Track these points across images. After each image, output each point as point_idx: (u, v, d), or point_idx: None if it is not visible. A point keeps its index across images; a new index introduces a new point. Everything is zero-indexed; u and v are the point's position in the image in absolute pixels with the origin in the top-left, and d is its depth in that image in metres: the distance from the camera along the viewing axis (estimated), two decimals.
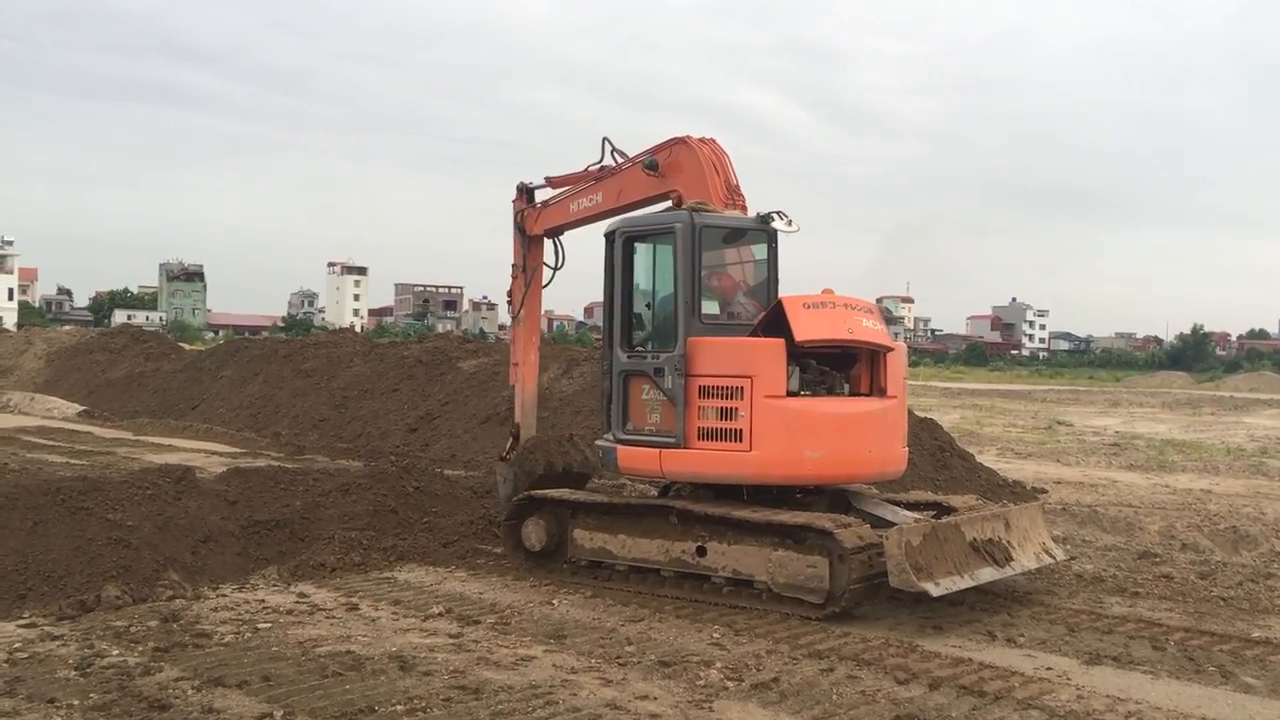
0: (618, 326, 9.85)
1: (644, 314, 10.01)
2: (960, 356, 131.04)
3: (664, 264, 9.76)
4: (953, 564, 8.56)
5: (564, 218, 11.74)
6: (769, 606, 8.63)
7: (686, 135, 10.23)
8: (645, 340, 9.90)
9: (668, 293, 9.67)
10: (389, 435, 20.46)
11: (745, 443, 8.93)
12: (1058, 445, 24.35)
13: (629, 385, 9.70)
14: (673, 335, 9.39)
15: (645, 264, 10.04)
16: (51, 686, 6.32)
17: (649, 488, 11.62)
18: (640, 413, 9.60)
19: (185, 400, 25.94)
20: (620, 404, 9.70)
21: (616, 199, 10.98)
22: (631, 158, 10.76)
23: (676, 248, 9.43)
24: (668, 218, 9.67)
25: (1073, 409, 38.78)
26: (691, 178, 10.03)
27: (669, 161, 10.24)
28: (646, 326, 9.99)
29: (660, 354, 9.48)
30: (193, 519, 10.40)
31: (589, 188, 11.33)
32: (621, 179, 10.85)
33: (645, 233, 9.93)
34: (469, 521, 11.68)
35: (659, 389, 9.39)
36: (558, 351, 23.17)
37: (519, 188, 12.34)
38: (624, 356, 9.73)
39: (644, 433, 9.52)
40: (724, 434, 9.04)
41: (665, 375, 9.32)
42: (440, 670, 6.83)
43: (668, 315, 9.61)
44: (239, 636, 7.49)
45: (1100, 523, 13.50)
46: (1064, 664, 7.52)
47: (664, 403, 9.36)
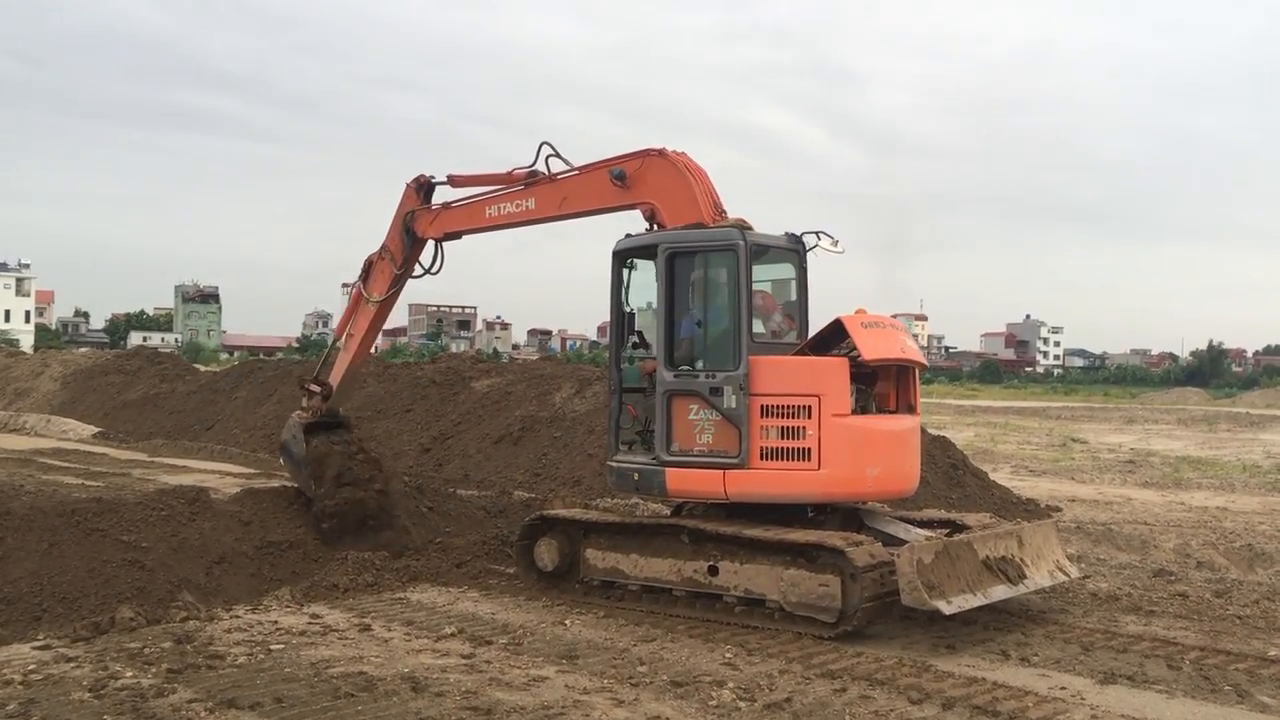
0: (661, 345, 9.46)
1: (694, 332, 9.55)
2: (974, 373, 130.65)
3: (715, 281, 9.46)
4: (965, 582, 8.52)
5: (475, 222, 11.33)
6: (781, 626, 8.61)
7: (662, 147, 9.98)
8: (694, 359, 9.50)
9: (719, 310, 9.40)
10: (403, 455, 20.48)
11: (814, 461, 8.91)
12: (1072, 462, 24.24)
13: (673, 405, 9.36)
14: (731, 354, 9.17)
15: (688, 282, 9.60)
16: (65, 708, 6.34)
17: (662, 507, 11.62)
18: (688, 433, 9.24)
19: (200, 421, 26.04)
20: (664, 424, 9.34)
21: (558, 207, 10.62)
22: (589, 165, 10.39)
23: (736, 266, 9.18)
24: (720, 235, 9.33)
25: (1087, 426, 38.61)
26: (671, 192, 9.78)
27: (638, 173, 9.95)
28: (696, 345, 9.56)
29: (717, 373, 9.20)
30: (206, 540, 10.44)
31: (515, 192, 10.88)
32: (569, 186, 10.47)
33: (695, 249, 9.50)
34: (482, 541, 11.69)
35: (714, 409, 9.10)
36: (569, 371, 23.20)
37: (417, 183, 11.82)
38: (670, 376, 9.34)
39: (694, 454, 9.19)
40: (790, 453, 8.93)
41: (725, 395, 9.05)
42: (452, 691, 6.83)
43: (722, 333, 9.35)
44: (252, 658, 7.51)
45: (1115, 540, 13.44)
46: (1078, 683, 7.48)
47: (718, 422, 9.08)
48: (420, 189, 11.81)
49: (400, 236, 11.82)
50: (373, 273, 12.13)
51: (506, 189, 11.07)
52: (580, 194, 10.50)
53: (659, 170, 9.95)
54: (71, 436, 25.08)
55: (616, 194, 10.11)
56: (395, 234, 11.92)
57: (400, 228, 11.83)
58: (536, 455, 18.81)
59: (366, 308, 12.15)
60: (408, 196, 11.86)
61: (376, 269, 12.11)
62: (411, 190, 11.86)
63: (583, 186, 10.44)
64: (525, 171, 10.84)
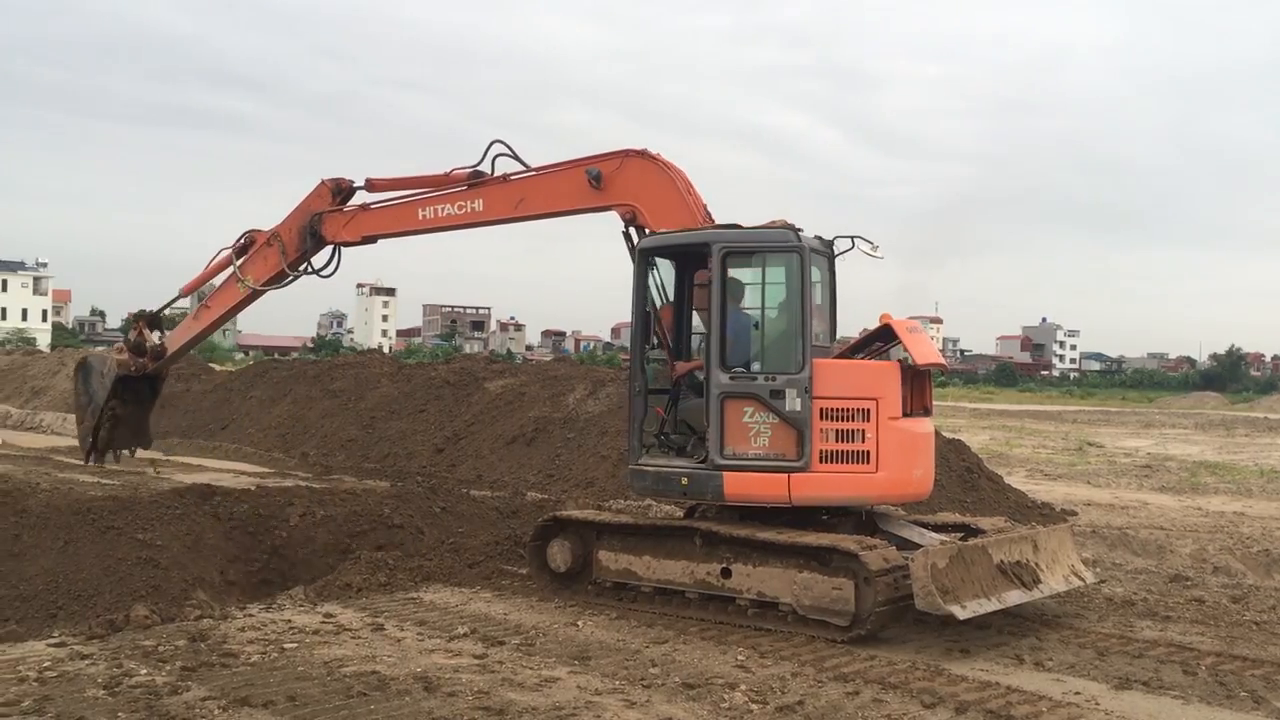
0: (714, 347, 9.16)
1: (749, 333, 9.43)
2: (990, 377, 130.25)
3: (775, 282, 9.31)
4: (980, 586, 8.49)
5: (402, 225, 10.90)
6: (794, 629, 8.59)
7: (644, 148, 9.77)
8: (750, 361, 9.38)
9: (779, 312, 9.29)
10: (416, 455, 20.54)
11: (872, 464, 8.95)
12: (1088, 467, 24.13)
13: (726, 408, 9.14)
14: (794, 357, 9.06)
15: (742, 282, 9.47)
16: (80, 705, 6.36)
17: (675, 509, 11.60)
18: (742, 436, 9.05)
19: (215, 421, 26.14)
20: (718, 427, 9.21)
21: (513, 208, 10.24)
22: (552, 165, 10.06)
23: (799, 267, 9.06)
24: (778, 236, 9.15)
25: (1104, 430, 38.45)
26: (654, 194, 9.58)
27: (616, 174, 9.67)
28: (752, 346, 9.43)
29: (777, 375, 9.06)
30: (220, 539, 10.48)
31: (456, 194, 10.48)
32: (528, 187, 10.12)
33: (753, 249, 9.32)
34: (495, 542, 11.70)
35: (772, 411, 8.94)
36: (583, 372, 23.22)
37: (336, 185, 11.31)
38: (725, 378, 9.11)
39: (750, 457, 9.02)
40: (849, 456, 8.92)
41: (787, 397, 8.93)
42: (465, 691, 6.84)
43: (782, 335, 9.24)
44: (265, 656, 7.52)
45: (1131, 545, 13.37)
46: (1093, 689, 7.44)
47: (775, 425, 8.95)
48: (338, 192, 11.28)
49: (300, 234, 11.27)
50: (254, 255, 11.47)
51: (443, 190, 10.59)
52: (543, 195, 10.15)
53: (640, 171, 9.70)
54: None
55: (590, 195, 9.79)
56: (293, 228, 11.34)
57: (302, 225, 11.26)
58: (549, 456, 18.83)
59: (235, 288, 11.52)
60: (319, 196, 11.32)
61: (260, 253, 11.44)
62: (326, 190, 11.31)
63: (546, 187, 10.07)
64: (467, 172, 10.40)
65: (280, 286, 11.53)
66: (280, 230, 11.35)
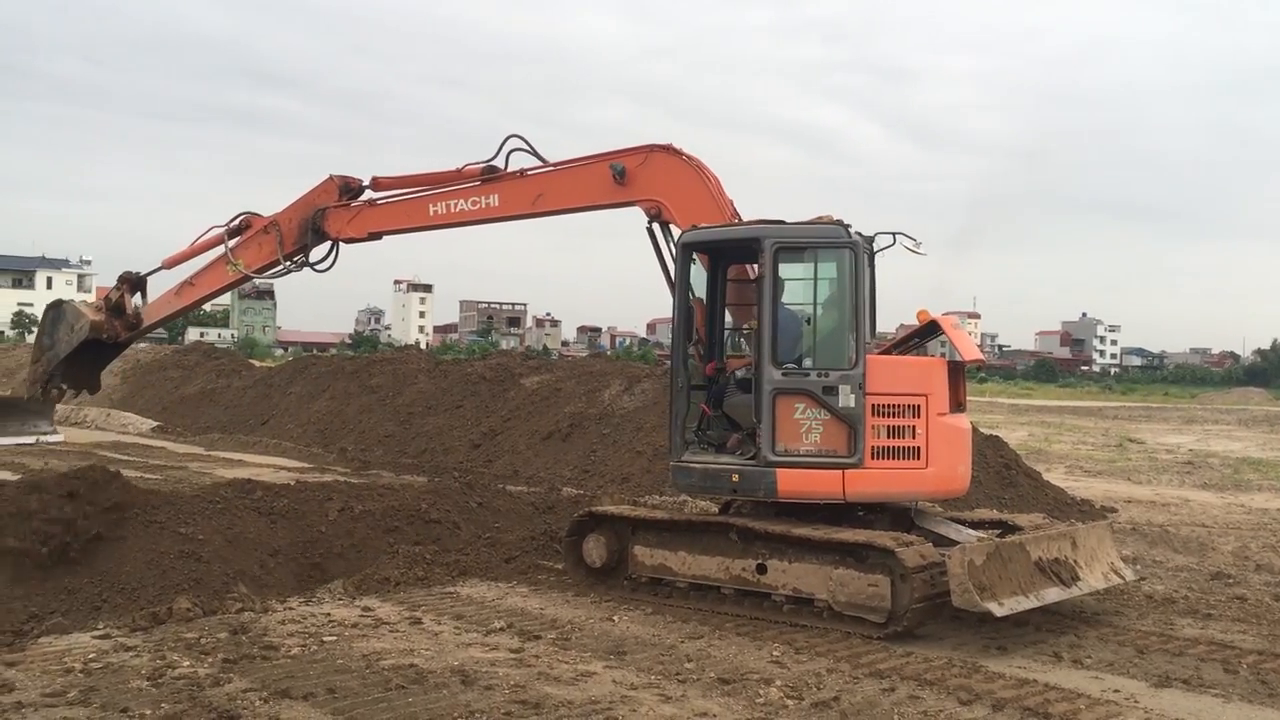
0: (766, 342, 9.07)
1: (804, 330, 9.37)
2: (1028, 372, 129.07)
3: (828, 278, 9.27)
4: (1017, 584, 8.44)
5: (411, 221, 10.74)
6: (830, 625, 8.58)
7: (668, 143, 9.66)
8: (801, 357, 9.31)
9: (831, 308, 9.24)
10: (453, 451, 20.67)
11: (923, 460, 9.00)
12: (1128, 463, 23.89)
13: (778, 404, 9.07)
14: (847, 352, 9.03)
15: (793, 277, 9.39)
16: (125, 696, 6.47)
17: (710, 504, 11.61)
18: (793, 433, 9.00)
19: (255, 416, 26.44)
20: (770, 424, 9.06)
21: (531, 204, 10.09)
22: (571, 160, 9.95)
23: (854, 263, 9.02)
24: (831, 231, 9.10)
25: (1145, 426, 38.01)
26: (681, 190, 9.50)
27: (641, 170, 9.56)
28: (804, 342, 9.37)
29: (830, 371, 9.01)
30: (261, 533, 10.60)
31: (470, 189, 10.33)
32: (546, 182, 9.98)
33: (805, 245, 9.24)
34: (530, 537, 11.76)
35: (824, 408, 8.91)
36: (619, 368, 23.25)
37: (340, 184, 11.11)
38: (778, 374, 9.05)
39: (802, 453, 8.98)
40: (900, 452, 8.95)
41: (840, 394, 8.90)
42: (501, 685, 6.89)
43: (834, 331, 9.22)
44: (305, 649, 7.61)
45: (1172, 543, 13.24)
46: (1132, 686, 7.38)
47: (826, 421, 8.91)
48: (346, 191, 11.09)
49: (300, 226, 11.08)
50: (249, 239, 11.25)
51: (455, 186, 10.45)
52: (563, 190, 10.02)
53: (666, 167, 9.61)
54: (131, 430, 25.57)
55: (612, 191, 9.66)
56: (294, 219, 11.15)
57: (304, 218, 11.08)
58: (585, 452, 18.90)
59: (224, 269, 11.28)
60: (325, 192, 11.13)
61: (255, 238, 11.21)
62: (333, 186, 11.14)
63: (566, 182, 9.95)
64: (480, 167, 10.27)
65: (271, 276, 11.41)
66: (280, 219, 11.16)
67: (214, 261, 11.32)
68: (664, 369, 23.71)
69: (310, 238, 11.12)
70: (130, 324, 11.20)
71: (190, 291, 11.30)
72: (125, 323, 11.23)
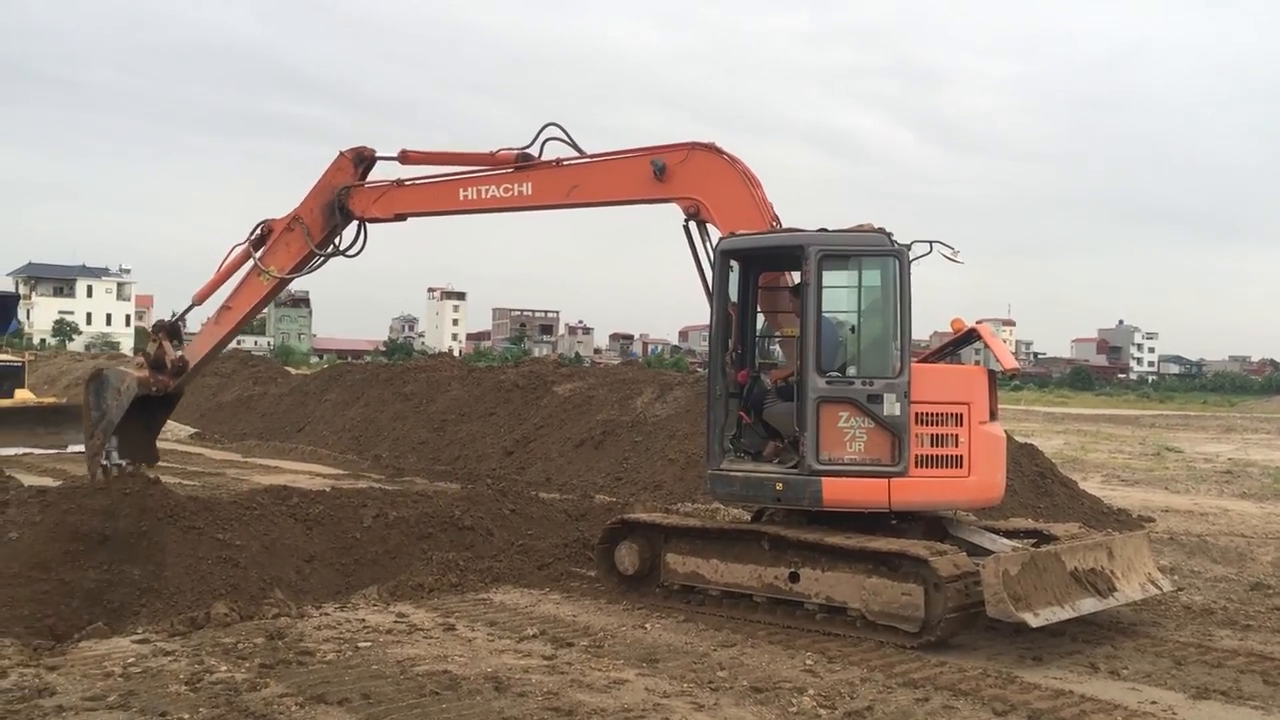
0: (810, 350, 8.97)
1: (847, 337, 9.34)
2: (1064, 380, 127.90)
3: (872, 286, 9.23)
4: (1053, 594, 8.38)
5: (440, 205, 10.44)
6: (863, 634, 8.55)
7: (711, 142, 9.56)
8: (845, 365, 9.27)
9: (875, 316, 9.21)
10: (486, 458, 20.76)
11: (965, 468, 9.03)
12: (1166, 472, 23.62)
13: (822, 412, 8.97)
14: (892, 361, 9.02)
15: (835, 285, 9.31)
16: (163, 700, 6.55)
17: (742, 513, 11.59)
18: (837, 441, 8.91)
19: (291, 423, 26.67)
20: (814, 432, 8.96)
21: (565, 195, 9.89)
22: (610, 153, 9.81)
23: (899, 272, 8.98)
24: (876, 239, 9.03)
25: (1183, 435, 37.58)
26: (722, 189, 9.41)
27: (682, 167, 9.45)
28: (846, 350, 9.33)
29: (875, 380, 8.95)
30: (297, 539, 10.70)
31: (503, 175, 10.08)
32: (583, 174, 9.82)
33: (850, 253, 9.15)
34: (563, 544, 11.80)
35: (868, 416, 8.85)
36: (651, 376, 23.29)
37: (357, 155, 10.68)
38: (822, 382, 8.96)
39: (846, 462, 8.89)
40: (943, 460, 8.97)
41: (884, 402, 8.86)
42: (534, 691, 6.92)
43: (878, 339, 9.20)
44: (340, 655, 7.68)
45: (1210, 553, 13.09)
46: (1170, 698, 7.30)
47: (870, 430, 8.86)
48: (360, 162, 10.69)
49: (325, 211, 10.67)
50: (275, 243, 10.82)
51: (487, 170, 10.18)
52: (599, 183, 9.87)
53: (706, 165, 9.52)
54: (169, 437, 25.79)
55: (650, 186, 9.55)
56: (316, 206, 10.73)
57: (326, 201, 10.68)
58: (617, 459, 18.93)
59: (258, 281, 10.82)
60: (340, 170, 10.76)
61: (281, 240, 10.77)
62: (348, 162, 10.76)
63: (603, 175, 9.82)
64: (514, 153, 10.03)
65: (307, 272, 10.98)
66: (300, 212, 10.80)
67: (246, 277, 10.90)
68: (696, 377, 23.74)
69: (339, 217, 10.73)
70: (176, 370, 10.57)
71: (229, 315, 10.81)
72: (171, 371, 10.64)
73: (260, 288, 10.83)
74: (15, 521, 10.13)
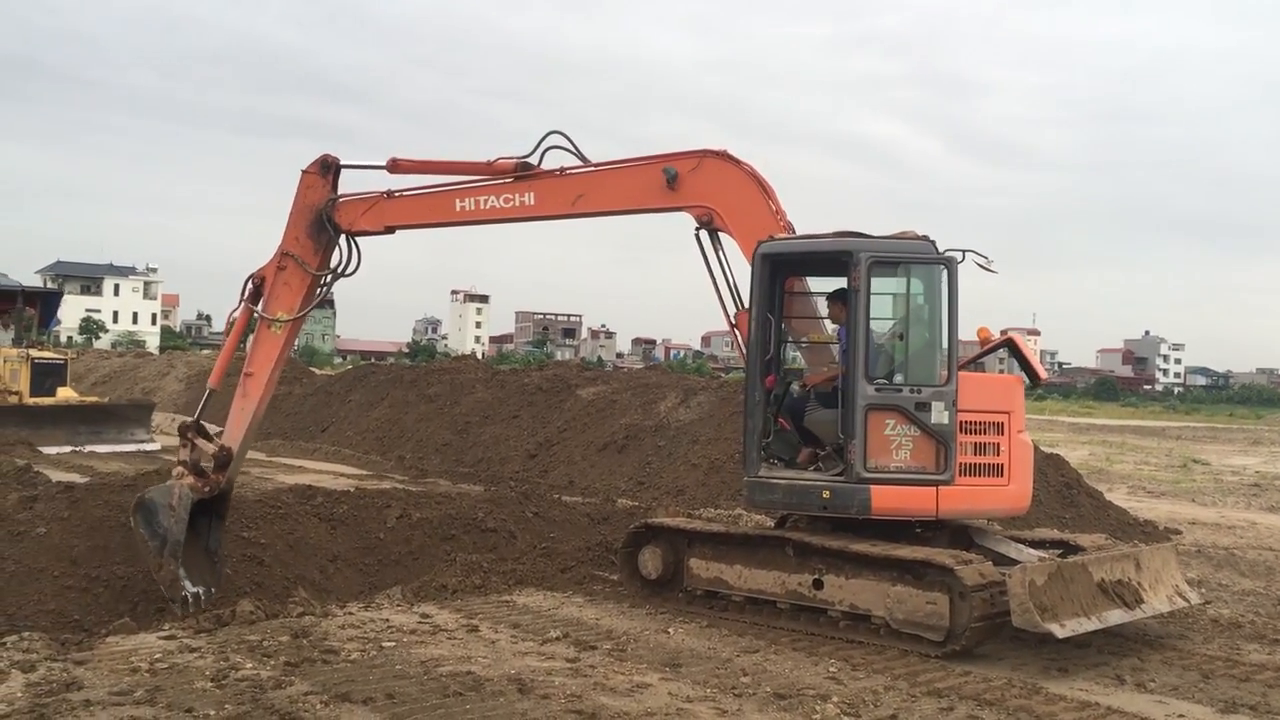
0: (860, 358, 8.90)
1: (895, 345, 9.25)
2: (1089, 391, 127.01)
3: (919, 294, 9.19)
4: (1079, 605, 8.32)
5: (435, 216, 10.01)
6: (887, 642, 8.51)
7: (723, 149, 9.43)
8: (891, 373, 9.17)
9: (924, 324, 9.19)
10: (509, 461, 20.80)
11: (1005, 477, 9.09)
12: (1193, 484, 23.43)
13: (870, 420, 8.91)
14: (940, 369, 9.04)
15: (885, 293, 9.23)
16: (189, 696, 6.59)
17: (766, 519, 11.57)
18: (883, 449, 8.87)
19: (315, 423, 26.79)
20: (862, 440, 8.90)
21: (570, 205, 9.64)
22: (615, 161, 9.60)
23: (948, 280, 8.95)
24: (923, 246, 9.01)
25: (1209, 447, 37.25)
26: (735, 197, 9.32)
27: (694, 175, 9.32)
28: (894, 358, 9.23)
29: (923, 388, 8.92)
30: (321, 539, 10.75)
31: (503, 185, 9.76)
32: (589, 182, 9.62)
33: (899, 259, 9.10)
34: (586, 548, 11.80)
35: (915, 424, 8.83)
36: (674, 380, 23.27)
37: (323, 164, 10.06)
38: (872, 390, 8.90)
39: (892, 470, 8.86)
40: (985, 469, 9.03)
41: (932, 410, 8.83)
42: (557, 694, 6.92)
43: (926, 347, 9.19)
44: (365, 654, 7.70)
45: (1238, 566, 12.98)
46: (1198, 711, 7.24)
47: (916, 438, 8.84)
48: (328, 171, 10.05)
49: (312, 232, 10.02)
50: (273, 289, 10.01)
51: (486, 180, 9.82)
52: (606, 192, 9.65)
53: (719, 172, 9.41)
54: None
55: (660, 195, 9.37)
56: (300, 233, 10.06)
57: (310, 222, 10.04)
58: (640, 464, 18.93)
59: (271, 334, 9.95)
60: (311, 188, 10.11)
61: (279, 282, 10.02)
62: (316, 178, 10.12)
63: (610, 184, 9.62)
64: (514, 162, 9.70)
65: (316, 304, 10.38)
66: (286, 246, 10.11)
67: (256, 337, 10.08)
68: (720, 382, 23.71)
69: (331, 231, 10.13)
70: (222, 462, 9.64)
71: (253, 382, 10.01)
72: (217, 465, 9.68)
73: (275, 340, 10.04)
74: (43, 517, 10.24)
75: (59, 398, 22.37)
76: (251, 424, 9.92)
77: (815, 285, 10.22)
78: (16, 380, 22.15)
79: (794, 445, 9.62)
